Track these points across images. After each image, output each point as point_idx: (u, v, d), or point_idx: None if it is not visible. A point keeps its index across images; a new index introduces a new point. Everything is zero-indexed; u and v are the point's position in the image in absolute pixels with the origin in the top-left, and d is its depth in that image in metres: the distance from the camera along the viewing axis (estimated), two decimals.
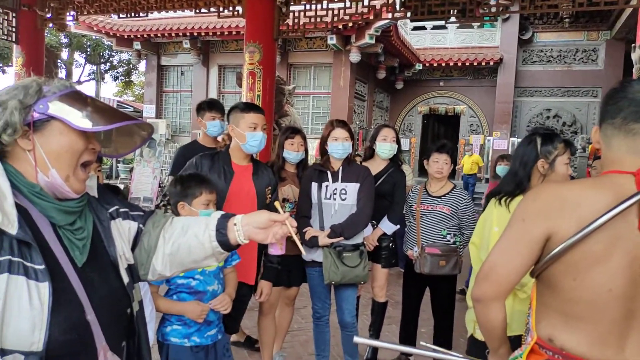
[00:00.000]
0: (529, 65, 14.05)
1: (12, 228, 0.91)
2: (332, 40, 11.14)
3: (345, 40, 11.40)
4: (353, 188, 2.83)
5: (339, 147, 2.85)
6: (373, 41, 10.86)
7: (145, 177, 8.72)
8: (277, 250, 1.23)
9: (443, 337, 3.13)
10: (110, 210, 1.17)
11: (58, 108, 1.00)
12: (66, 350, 0.95)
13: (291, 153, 3.06)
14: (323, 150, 2.96)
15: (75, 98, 1.04)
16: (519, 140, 13.66)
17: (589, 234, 1.02)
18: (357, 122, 12.83)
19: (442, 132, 19.77)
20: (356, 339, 1.50)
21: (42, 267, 0.92)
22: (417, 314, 3.30)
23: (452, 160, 3.18)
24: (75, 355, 0.98)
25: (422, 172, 6.76)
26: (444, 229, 3.09)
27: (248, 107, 2.53)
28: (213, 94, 13.62)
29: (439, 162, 3.09)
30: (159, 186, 8.33)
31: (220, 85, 13.80)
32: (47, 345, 0.92)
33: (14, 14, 7.25)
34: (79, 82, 20.92)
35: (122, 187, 6.27)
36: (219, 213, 1.21)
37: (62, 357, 0.95)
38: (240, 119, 2.47)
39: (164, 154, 10.91)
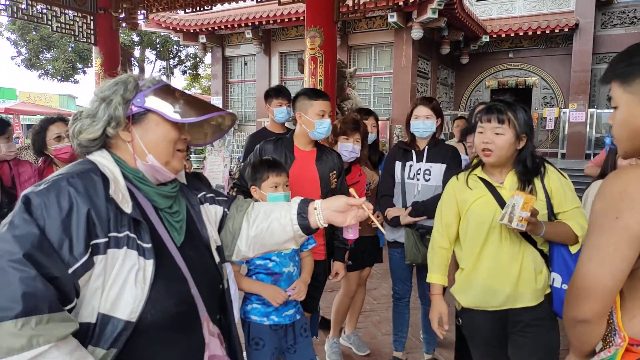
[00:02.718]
0: (609, 29, 12.93)
1: (128, 207, 1.01)
2: (392, 18, 10.88)
3: (407, 17, 11.10)
4: (438, 169, 2.76)
5: (420, 125, 2.79)
6: (436, 15, 10.47)
7: (217, 165, 9.11)
8: (353, 233, 1.27)
9: None
10: (199, 196, 1.27)
11: (154, 101, 1.08)
12: (177, 320, 1.05)
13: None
14: (408, 129, 2.90)
15: (167, 91, 1.11)
16: (599, 111, 12.72)
17: None
18: None
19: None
20: None
21: (149, 245, 1.01)
22: None
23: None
24: (185, 326, 1.07)
25: None
26: None
27: (316, 95, 2.52)
28: (275, 82, 13.83)
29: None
30: (229, 174, 8.68)
31: (282, 73, 13.98)
32: (161, 316, 1.01)
33: (92, 17, 7.76)
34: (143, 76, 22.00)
35: None
36: (299, 198, 1.28)
37: (175, 327, 1.04)
38: (309, 106, 2.48)
39: (232, 143, 11.30)
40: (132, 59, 21.01)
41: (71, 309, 0.93)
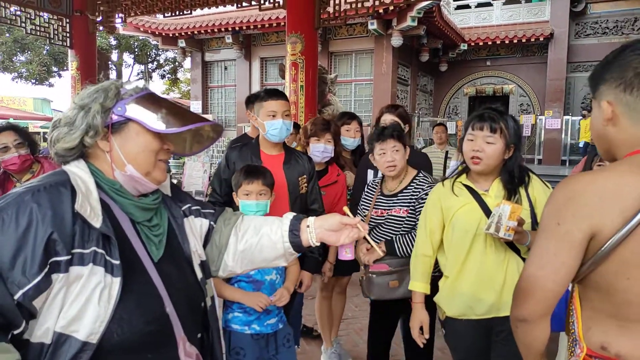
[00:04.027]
0: (582, 38, 13.29)
1: (97, 221, 0.96)
2: (372, 25, 10.98)
3: (387, 25, 11.21)
4: None
5: None
6: (415, 23, 10.61)
7: (196, 171, 9.01)
8: (350, 254, 1.23)
9: None
10: (184, 208, 1.21)
11: (135, 110, 1.04)
12: (149, 340, 0.99)
13: (348, 139, 3.05)
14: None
15: (150, 100, 1.07)
16: (574, 118, 13.03)
17: (639, 225, 0.91)
18: None
19: None
20: None
21: (118, 262, 0.96)
22: (388, 350, 2.63)
23: (404, 144, 2.33)
24: (157, 345, 1.02)
25: None
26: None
27: (268, 95, 2.40)
28: (256, 87, 13.78)
29: (386, 153, 2.27)
30: (209, 179, 8.59)
31: (262, 78, 13.95)
32: (130, 336, 0.95)
33: (68, 20, 7.61)
34: (129, 82, 21.73)
35: (174, 181, 6.49)
36: (291, 214, 1.24)
37: (146, 347, 0.99)
38: (260, 107, 2.38)
39: (212, 148, 11.19)
40: (110, 62, 20.69)
41: (21, 332, 0.88)
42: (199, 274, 1.16)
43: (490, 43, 13.38)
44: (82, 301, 0.91)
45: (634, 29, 12.73)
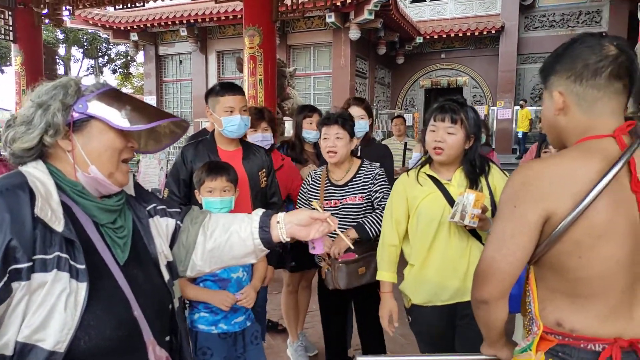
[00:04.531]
0: (532, 31, 13.80)
1: (59, 225, 0.92)
2: (330, 18, 10.99)
3: (344, 18, 11.24)
4: None
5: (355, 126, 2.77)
6: (372, 17, 10.69)
7: (152, 168, 8.76)
8: (318, 248, 1.24)
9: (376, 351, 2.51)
10: (148, 208, 1.18)
11: (97, 107, 1.00)
12: (118, 345, 0.96)
13: (310, 132, 3.03)
14: None
15: (113, 96, 1.03)
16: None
17: (589, 206, 0.97)
18: None
19: None
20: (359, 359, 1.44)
21: (83, 267, 0.92)
22: (344, 333, 2.67)
23: (350, 133, 2.35)
24: (127, 351, 0.99)
25: None
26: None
27: (223, 89, 2.32)
28: (213, 81, 13.51)
29: (329, 138, 2.33)
30: (166, 177, 8.37)
31: (219, 72, 13.71)
32: (98, 343, 0.92)
33: (10, 13, 7.21)
34: (87, 78, 20.87)
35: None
36: (260, 211, 1.23)
37: (115, 353, 0.96)
38: (216, 103, 2.31)
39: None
40: (57, 57, 19.75)
41: None
42: (166, 276, 1.13)
43: (444, 36, 13.68)
44: (47, 309, 0.87)
45: (578, 22, 13.33)
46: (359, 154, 2.83)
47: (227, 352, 1.97)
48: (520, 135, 12.86)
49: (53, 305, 0.88)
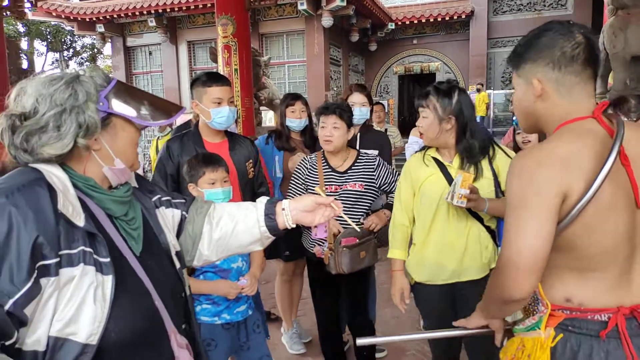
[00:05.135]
0: (500, 15, 14.01)
1: (80, 220, 0.91)
2: (302, 5, 10.89)
3: (316, 5, 11.17)
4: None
5: (357, 112, 2.76)
6: (344, 3, 10.66)
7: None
8: (321, 233, 1.26)
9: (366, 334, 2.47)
10: (154, 199, 1.18)
11: (117, 104, 0.98)
12: (145, 335, 0.98)
13: (294, 121, 3.02)
14: None
15: (125, 91, 1.02)
16: (495, 92, 13.80)
17: (600, 185, 0.99)
18: (335, 88, 12.73)
19: (418, 91, 19.77)
20: (359, 341, 1.49)
21: (108, 259, 0.92)
22: (337, 317, 2.67)
23: (347, 123, 2.41)
24: (152, 340, 1.00)
25: (403, 132, 6.70)
26: (362, 213, 2.46)
27: (211, 80, 2.27)
28: (185, 72, 13.29)
29: (326, 127, 2.38)
30: (143, 171, 8.22)
31: (191, 62, 13.46)
32: (127, 334, 0.93)
33: None
34: (43, 72, 20.13)
35: None
36: (265, 198, 1.24)
37: (141, 343, 0.97)
38: (203, 93, 2.27)
39: (142, 138, 10.70)
40: (20, 51, 19.02)
41: (14, 342, 0.83)
42: (177, 264, 1.14)
43: (416, 22, 13.76)
44: (76, 303, 0.87)
45: (544, 5, 13.60)
46: (357, 141, 2.84)
47: (230, 342, 1.98)
48: (478, 119, 13.10)
49: (82, 298, 0.88)
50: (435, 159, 2.00)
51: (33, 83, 0.96)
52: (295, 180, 2.57)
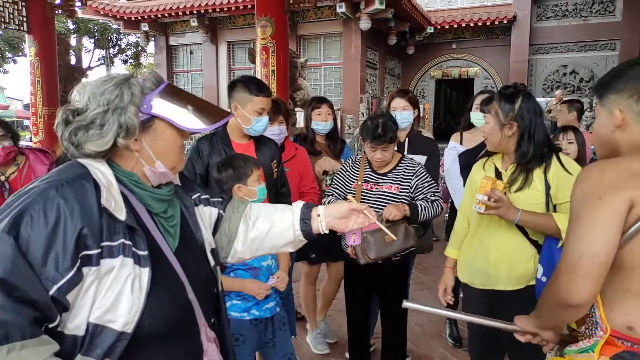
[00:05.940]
0: (544, 21, 13.63)
1: (122, 214, 0.96)
2: (341, 8, 10.92)
3: (355, 8, 11.17)
4: (419, 161, 2.73)
5: (397, 116, 2.78)
6: (383, 6, 10.61)
7: None
8: (357, 239, 1.28)
9: (396, 352, 2.63)
10: (194, 197, 1.22)
11: (160, 106, 1.01)
12: (177, 327, 1.02)
13: (319, 123, 3.04)
14: None
15: (172, 94, 1.04)
16: (537, 99, 13.35)
17: None
18: (370, 91, 12.70)
19: (455, 96, 19.47)
20: (405, 304, 1.51)
21: (146, 253, 0.97)
22: (367, 323, 2.79)
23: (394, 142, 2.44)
24: (184, 332, 1.05)
25: (437, 137, 6.61)
26: None
27: (258, 90, 2.34)
28: (223, 72, 13.54)
29: (376, 152, 2.41)
30: None
31: (230, 63, 13.71)
32: (160, 324, 0.98)
33: (24, 3, 7.24)
34: (90, 68, 20.95)
35: None
36: (301, 203, 1.28)
37: (174, 334, 1.02)
38: (249, 101, 2.32)
39: None
40: (69, 47, 19.84)
41: (56, 326, 0.89)
42: (212, 261, 1.19)
43: (455, 26, 13.54)
44: (115, 292, 0.92)
45: (592, 12, 13.15)
46: (405, 147, 2.87)
47: (258, 337, 2.03)
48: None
49: (121, 288, 0.93)
50: (496, 166, 2.03)
51: (92, 82, 1.03)
52: (338, 180, 2.62)
